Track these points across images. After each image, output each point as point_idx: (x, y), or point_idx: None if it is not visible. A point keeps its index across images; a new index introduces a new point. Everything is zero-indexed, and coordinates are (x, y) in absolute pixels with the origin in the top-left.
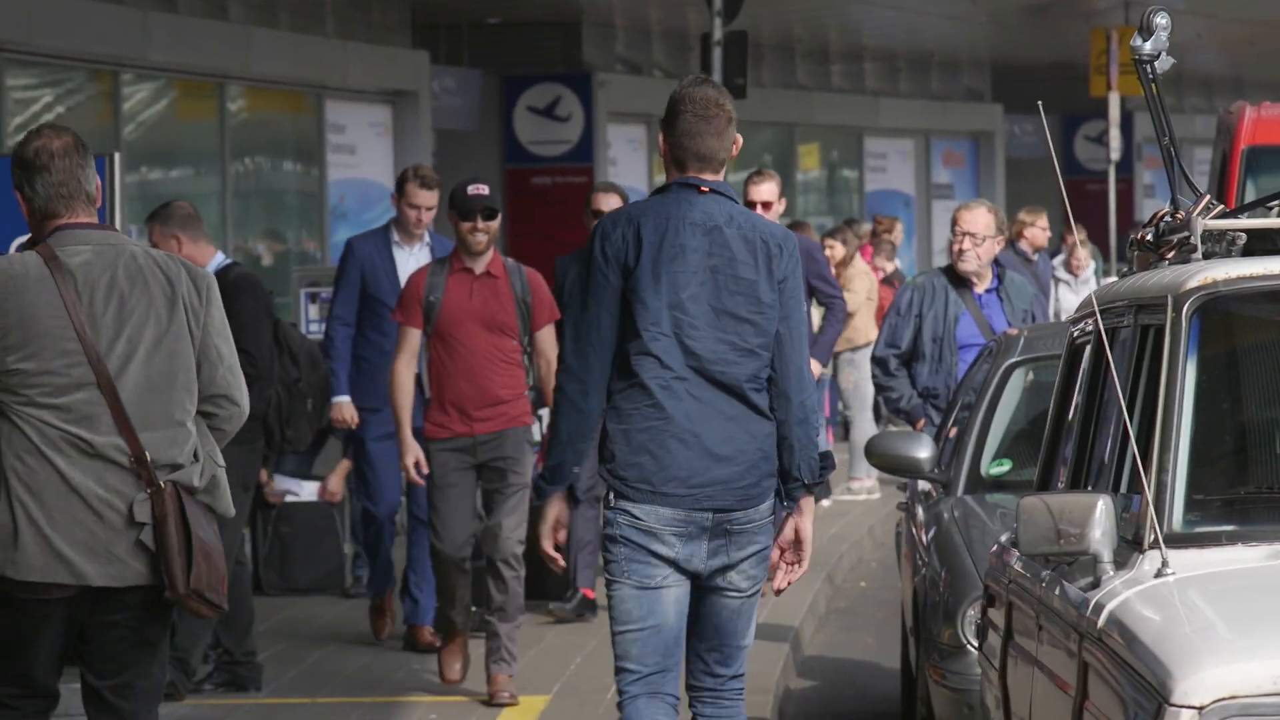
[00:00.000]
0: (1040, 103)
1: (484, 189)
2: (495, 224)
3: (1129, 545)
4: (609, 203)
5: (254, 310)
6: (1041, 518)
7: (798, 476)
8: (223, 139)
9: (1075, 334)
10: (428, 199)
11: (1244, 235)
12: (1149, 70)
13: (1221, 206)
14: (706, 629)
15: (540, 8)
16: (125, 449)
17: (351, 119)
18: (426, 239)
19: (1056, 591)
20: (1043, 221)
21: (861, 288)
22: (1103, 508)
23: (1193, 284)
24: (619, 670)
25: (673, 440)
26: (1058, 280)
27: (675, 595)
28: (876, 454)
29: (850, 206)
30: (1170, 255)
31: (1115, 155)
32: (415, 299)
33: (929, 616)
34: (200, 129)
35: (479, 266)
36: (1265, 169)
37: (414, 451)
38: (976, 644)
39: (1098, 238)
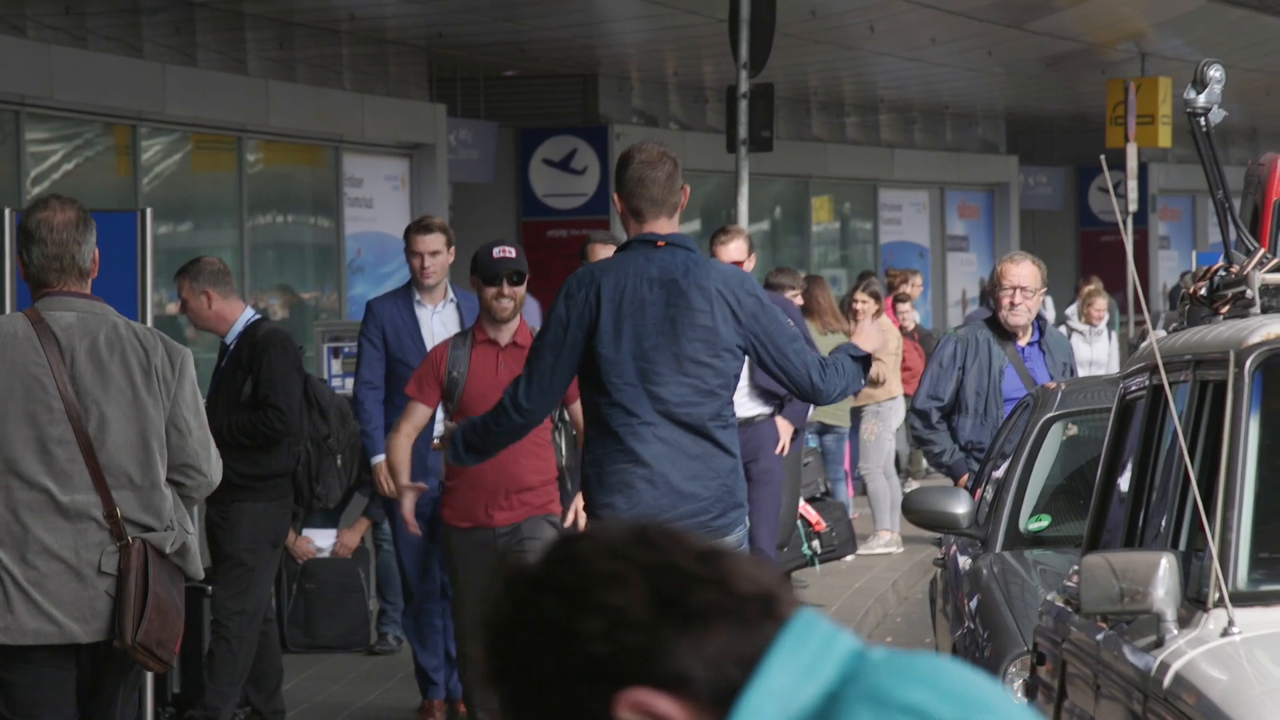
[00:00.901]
0: (1102, 157)
1: (510, 251)
2: (522, 290)
3: (1192, 604)
4: (605, 254)
5: (284, 366)
6: (1104, 576)
7: None
8: (240, 192)
9: (1127, 390)
10: (428, 243)
11: None
12: (1203, 123)
13: (1277, 259)
14: None
15: (557, 60)
16: (100, 506)
17: (368, 172)
18: (451, 295)
19: (1117, 651)
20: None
21: (890, 347)
22: (1166, 566)
23: (1255, 339)
24: None
25: (641, 481)
26: (1071, 330)
27: None
28: (914, 510)
29: (865, 259)
30: (1224, 310)
31: (1133, 207)
32: (434, 375)
33: None
34: (218, 182)
35: (504, 337)
36: None
37: (406, 509)
38: (1020, 702)
39: (1113, 289)
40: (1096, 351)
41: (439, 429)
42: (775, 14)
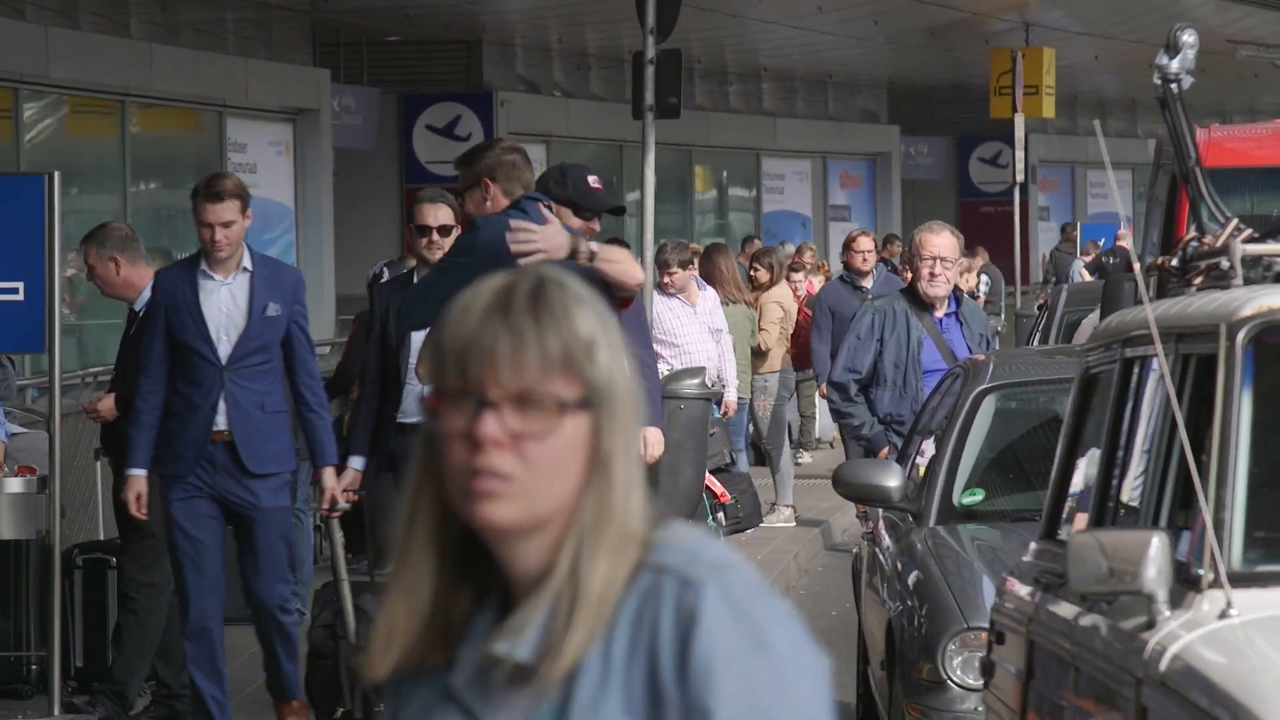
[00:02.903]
0: (1096, 120)
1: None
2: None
3: (1183, 585)
4: (436, 216)
5: None
6: (1092, 555)
7: None
8: (123, 156)
9: (1090, 363)
10: (220, 213)
11: None
12: (1174, 89)
13: (1250, 231)
14: None
15: (441, 26)
16: None
17: (252, 137)
18: (246, 264)
19: (1101, 632)
20: (859, 243)
21: (775, 316)
22: (1158, 545)
23: (1247, 311)
24: None
25: None
26: None
27: None
28: (844, 483)
29: (747, 228)
30: (1197, 281)
31: (1020, 177)
32: None
33: (906, 650)
34: (100, 146)
35: None
36: (1219, 191)
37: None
38: (958, 679)
39: (998, 261)
40: None
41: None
42: None
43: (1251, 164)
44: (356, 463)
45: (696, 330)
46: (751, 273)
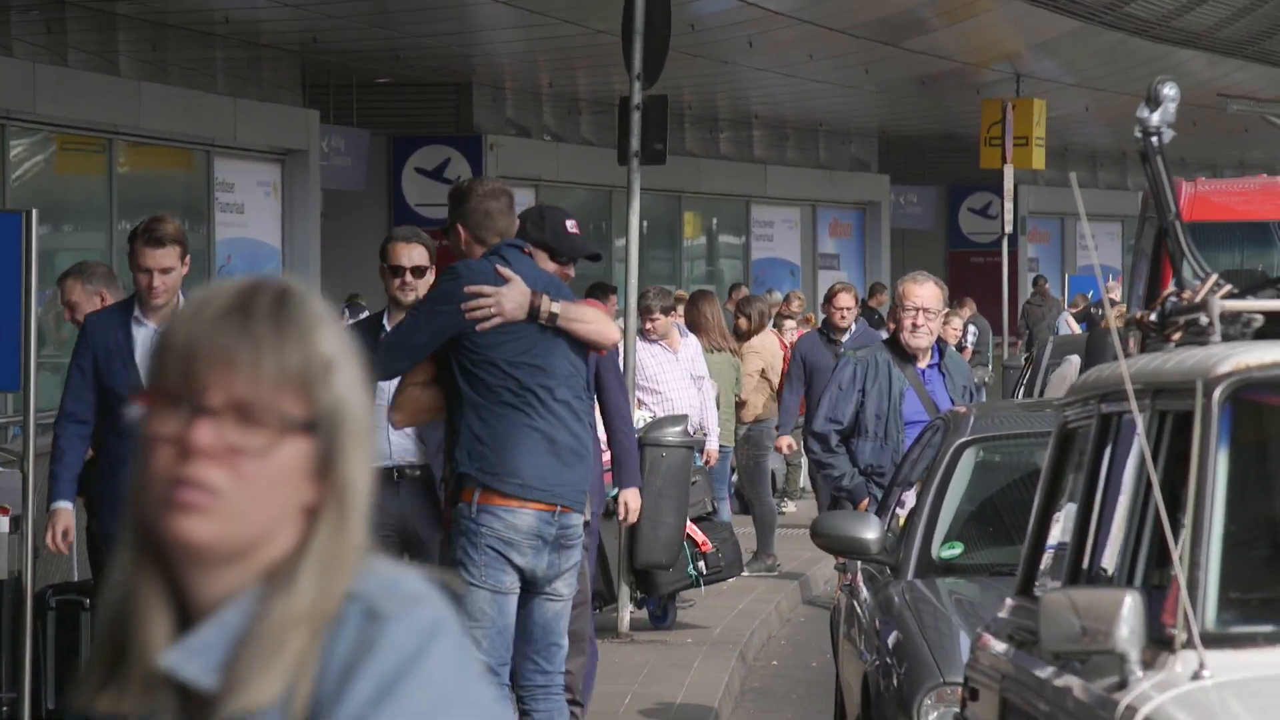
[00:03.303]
0: (1073, 175)
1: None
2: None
3: (1156, 644)
4: (410, 256)
5: None
6: (1064, 613)
7: None
8: (110, 194)
9: (1068, 417)
10: (161, 259)
11: (1260, 317)
12: (1154, 142)
13: (1229, 287)
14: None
15: (431, 69)
16: None
17: (240, 177)
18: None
19: (1074, 691)
20: (841, 299)
21: (754, 367)
22: (1130, 604)
23: (1224, 369)
24: None
25: None
26: None
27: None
28: (822, 534)
29: (736, 275)
30: (1175, 337)
31: (1009, 228)
32: None
33: (882, 704)
34: (88, 184)
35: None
36: (1205, 245)
37: None
38: None
39: (985, 311)
40: None
41: None
42: (670, 26)
43: (1237, 218)
44: None
45: (679, 377)
46: (735, 321)
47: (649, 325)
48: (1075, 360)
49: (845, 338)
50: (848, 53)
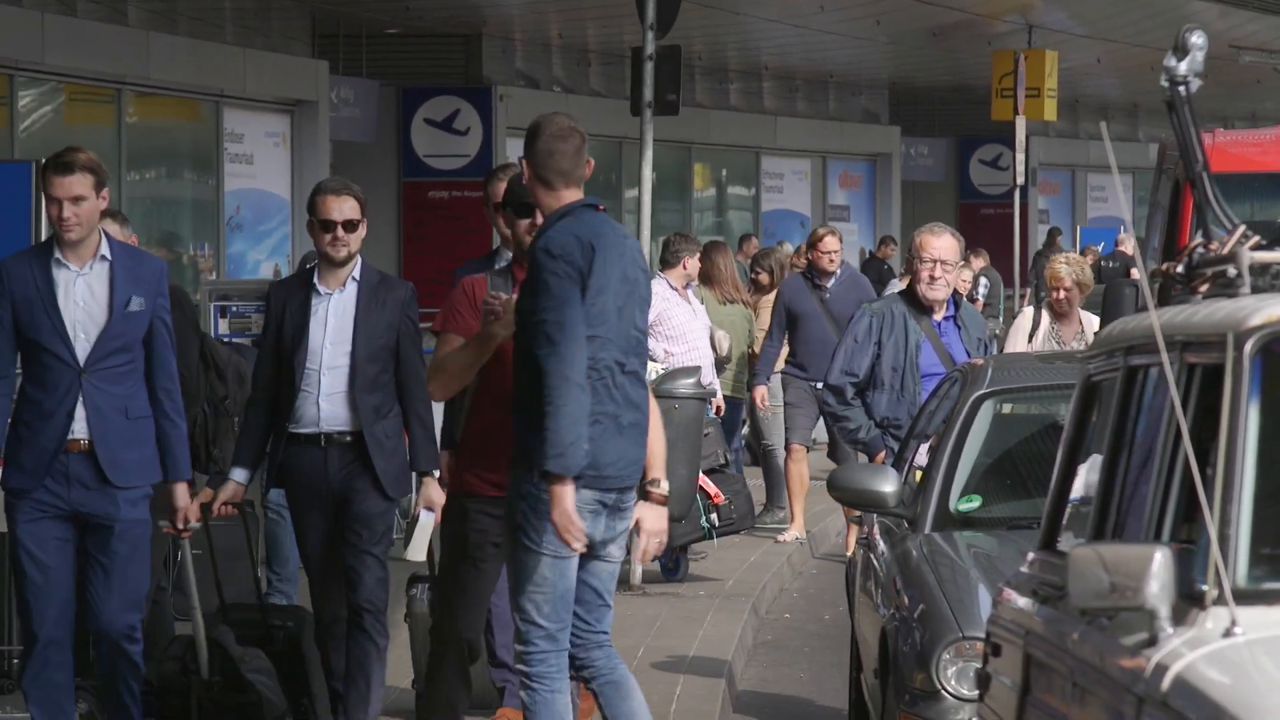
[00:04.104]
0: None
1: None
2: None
3: (1186, 601)
4: (341, 209)
5: (181, 324)
6: (1093, 569)
7: None
8: (119, 145)
9: (1092, 370)
10: (70, 186)
11: None
12: (1183, 92)
13: (1258, 238)
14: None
15: (441, 20)
16: None
17: (249, 128)
18: (104, 251)
19: (1101, 648)
20: (827, 243)
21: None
22: (1160, 560)
23: (1255, 321)
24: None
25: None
26: None
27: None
28: (839, 487)
29: (746, 226)
30: (1203, 289)
31: (1020, 180)
32: (471, 305)
33: (900, 659)
34: (96, 134)
35: None
36: (1224, 198)
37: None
38: (952, 689)
39: (998, 264)
40: None
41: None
42: None
43: (1254, 169)
44: (239, 475)
45: (701, 327)
46: (753, 276)
47: (684, 269)
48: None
49: (831, 283)
50: (859, 4)
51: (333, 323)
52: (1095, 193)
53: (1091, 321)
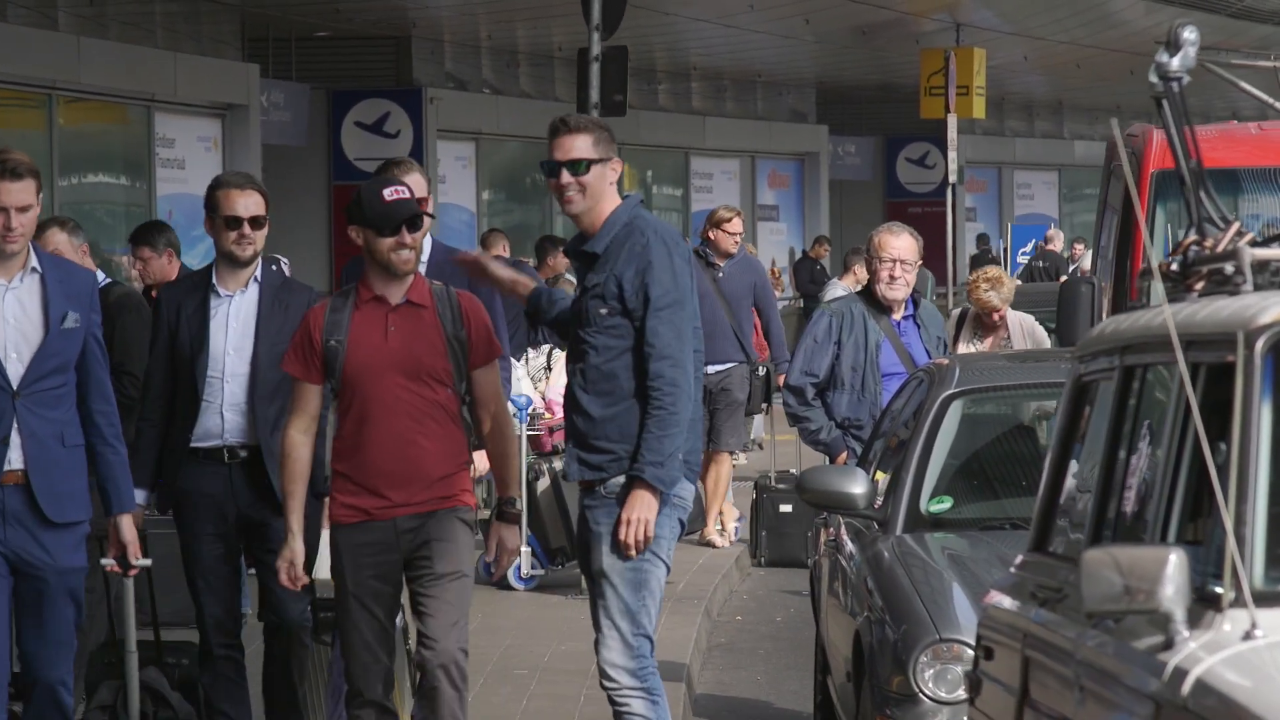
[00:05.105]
0: (1114, 120)
1: (403, 190)
2: (423, 235)
3: (1202, 604)
4: (247, 205)
5: (138, 331)
6: (1106, 572)
7: None
8: (50, 150)
9: (1084, 370)
10: (20, 194)
11: None
12: (1175, 88)
13: (1253, 234)
14: None
15: (370, 23)
16: None
17: (181, 132)
18: (34, 264)
19: (1110, 652)
20: (734, 224)
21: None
22: (1175, 561)
23: (1266, 319)
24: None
25: None
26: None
27: None
28: (809, 489)
29: (676, 226)
30: (1198, 287)
31: (954, 178)
32: (309, 344)
33: (875, 662)
34: (27, 140)
35: (396, 295)
36: (1177, 193)
37: (294, 552)
38: (930, 691)
39: (929, 262)
40: None
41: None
42: None
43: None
44: (137, 497)
45: None
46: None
47: None
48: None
49: (725, 264)
50: (787, 3)
51: (234, 326)
52: (1022, 190)
53: (1019, 320)
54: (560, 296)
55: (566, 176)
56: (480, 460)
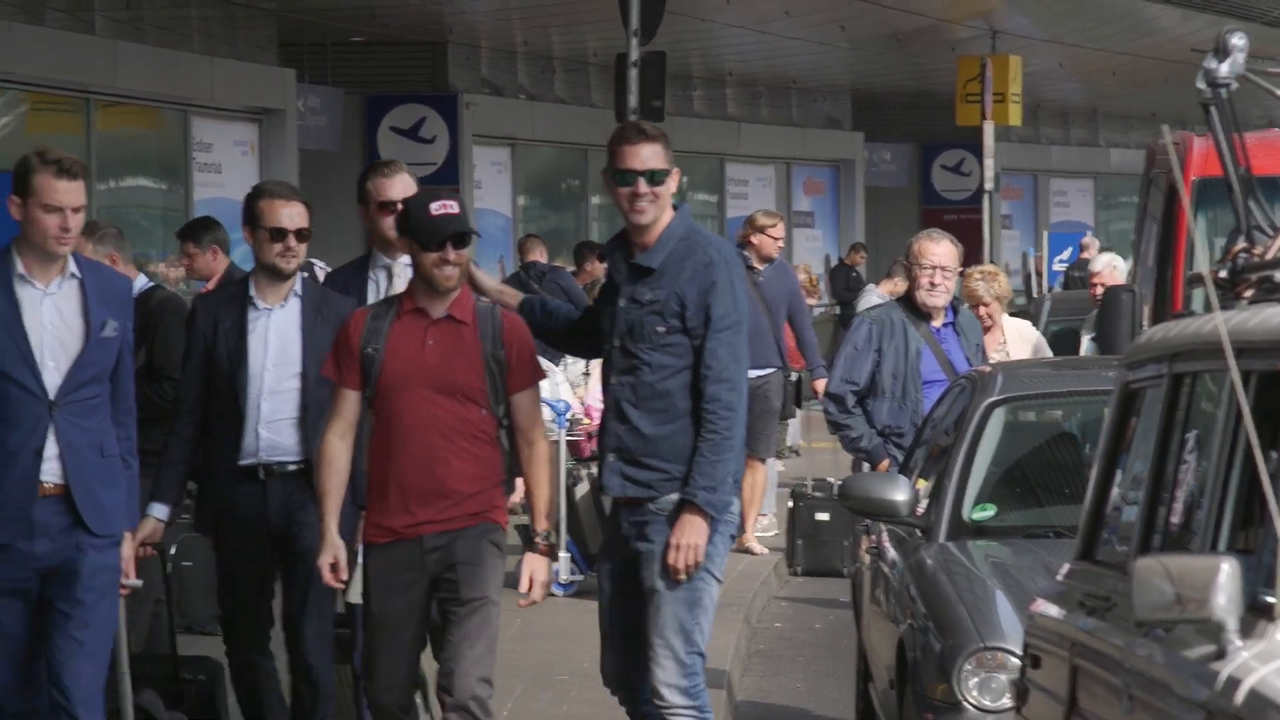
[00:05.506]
0: (1165, 126)
1: (453, 205)
2: (469, 252)
3: (1254, 613)
4: (293, 217)
5: (179, 336)
6: (1157, 581)
7: None
8: (88, 155)
9: (1132, 379)
10: (74, 193)
11: None
12: (1224, 94)
13: None
14: None
15: (406, 27)
16: None
17: (217, 137)
18: (73, 269)
19: (1160, 661)
20: (777, 229)
21: None
22: (1228, 570)
23: None
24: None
25: None
26: None
27: None
28: (851, 496)
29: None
30: (1248, 294)
31: (989, 185)
32: (348, 349)
33: (919, 670)
34: (64, 144)
35: (439, 309)
36: (1218, 201)
37: (335, 548)
38: (974, 700)
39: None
40: None
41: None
42: None
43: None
44: (159, 511)
45: None
46: None
47: None
48: None
49: (765, 269)
50: (823, 9)
51: (274, 342)
52: (1058, 198)
53: (1015, 328)
54: (556, 308)
55: (644, 186)
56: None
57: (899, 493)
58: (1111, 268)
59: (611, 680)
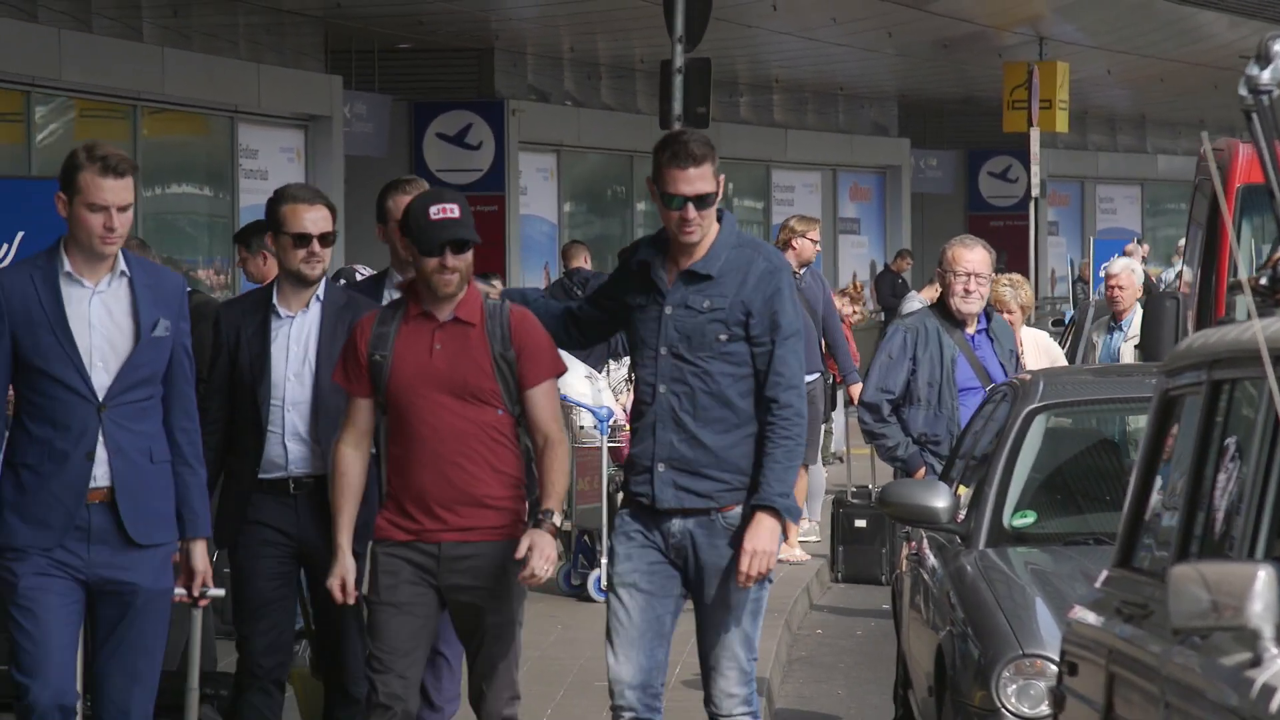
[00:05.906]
0: (1204, 134)
1: (453, 209)
2: (469, 256)
3: None
4: (317, 221)
5: (208, 341)
6: (1193, 588)
7: None
8: (135, 161)
9: (1171, 385)
10: (121, 191)
11: None
12: (1266, 100)
13: None
14: None
15: (453, 35)
16: None
17: (264, 143)
18: (123, 267)
19: (1196, 668)
20: (815, 233)
21: None
22: (1265, 578)
23: None
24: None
25: None
26: None
27: None
28: (891, 503)
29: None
30: None
31: (1036, 191)
32: (356, 357)
33: (958, 677)
34: None
35: (445, 311)
36: (1264, 208)
37: (346, 570)
38: (1013, 707)
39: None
40: None
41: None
42: None
43: None
44: None
45: None
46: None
47: None
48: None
49: (804, 273)
50: (869, 16)
51: (295, 350)
52: (1105, 204)
53: (1033, 337)
54: (535, 297)
55: (693, 211)
56: None
57: (939, 499)
58: (1130, 271)
59: (633, 688)
